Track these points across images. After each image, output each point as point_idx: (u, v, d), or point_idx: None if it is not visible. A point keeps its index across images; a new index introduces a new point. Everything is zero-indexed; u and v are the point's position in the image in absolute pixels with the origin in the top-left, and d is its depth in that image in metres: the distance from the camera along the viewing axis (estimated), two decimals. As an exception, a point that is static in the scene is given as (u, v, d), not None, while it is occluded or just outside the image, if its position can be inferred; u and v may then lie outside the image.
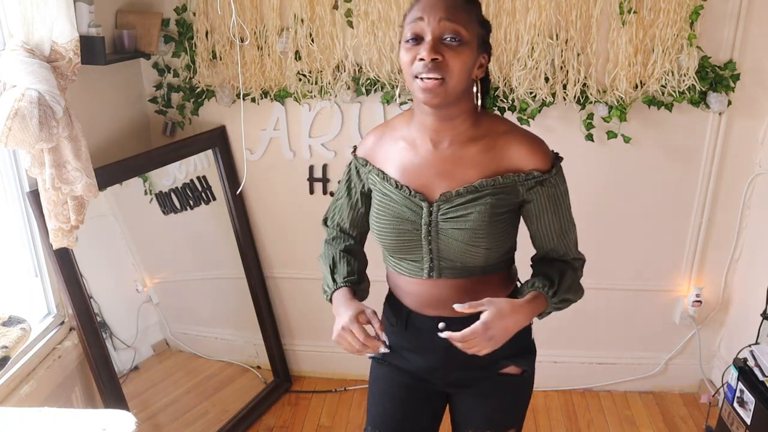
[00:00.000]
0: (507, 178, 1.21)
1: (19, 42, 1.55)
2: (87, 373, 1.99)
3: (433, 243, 1.24)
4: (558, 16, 2.14)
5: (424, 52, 1.12)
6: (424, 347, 1.36)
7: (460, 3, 1.15)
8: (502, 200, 1.22)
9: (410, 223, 1.24)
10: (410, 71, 1.14)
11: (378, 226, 1.29)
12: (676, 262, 2.51)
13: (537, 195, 1.23)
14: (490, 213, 1.20)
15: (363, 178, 1.35)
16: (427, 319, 1.33)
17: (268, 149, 2.46)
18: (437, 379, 1.39)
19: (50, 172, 1.63)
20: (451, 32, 1.12)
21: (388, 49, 2.21)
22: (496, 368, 1.37)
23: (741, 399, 2.10)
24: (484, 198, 1.20)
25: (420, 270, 1.29)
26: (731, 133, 2.30)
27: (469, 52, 1.14)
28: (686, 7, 2.09)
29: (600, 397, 2.65)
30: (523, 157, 1.22)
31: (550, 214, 1.25)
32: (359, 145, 1.38)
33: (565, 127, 2.32)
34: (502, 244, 1.26)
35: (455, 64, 1.12)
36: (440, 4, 1.13)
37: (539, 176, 1.21)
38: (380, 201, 1.29)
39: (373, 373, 1.48)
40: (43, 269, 1.90)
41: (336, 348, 3.05)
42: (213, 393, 2.41)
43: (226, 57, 2.31)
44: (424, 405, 1.44)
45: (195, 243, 2.46)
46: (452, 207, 1.21)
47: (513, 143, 1.22)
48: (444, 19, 1.11)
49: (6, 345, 1.47)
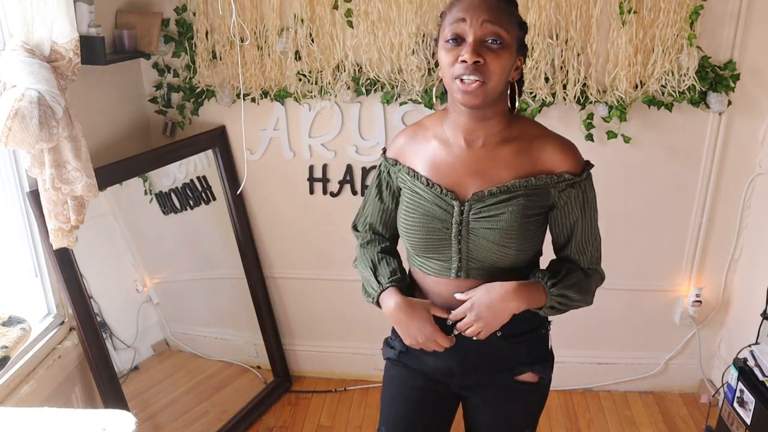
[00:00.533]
0: (540, 180, 1.21)
1: (19, 42, 1.55)
2: (87, 373, 1.99)
3: (463, 242, 1.24)
4: (558, 16, 2.14)
5: (467, 54, 1.11)
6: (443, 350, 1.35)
7: (503, 4, 1.15)
8: (534, 201, 1.22)
9: (440, 221, 1.24)
10: (450, 72, 1.15)
11: (407, 225, 1.28)
12: (676, 262, 2.51)
13: (567, 197, 1.23)
14: (522, 214, 1.20)
15: (393, 178, 1.35)
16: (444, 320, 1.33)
17: (268, 149, 2.46)
18: (453, 382, 1.38)
19: (50, 172, 1.63)
20: (493, 35, 1.12)
21: (388, 49, 2.21)
22: (512, 374, 1.36)
23: (741, 399, 2.10)
24: (516, 198, 1.20)
25: (448, 270, 1.28)
26: (731, 133, 2.30)
27: (509, 55, 1.15)
28: (686, 7, 2.09)
29: (600, 397, 2.65)
30: (557, 159, 1.22)
31: (578, 219, 1.26)
32: (389, 146, 1.37)
33: (565, 127, 2.32)
34: (531, 246, 1.26)
35: (496, 67, 1.13)
36: (483, 6, 1.12)
37: (571, 179, 1.22)
38: (410, 199, 1.28)
39: (387, 374, 1.48)
40: (43, 269, 1.90)
41: (336, 348, 3.06)
42: (213, 393, 2.41)
43: (226, 57, 2.31)
44: (437, 407, 1.44)
45: (195, 243, 2.46)
46: (485, 206, 1.21)
47: (547, 146, 1.23)
48: (487, 21, 1.11)
49: (6, 345, 1.47)
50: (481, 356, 1.33)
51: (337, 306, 2.65)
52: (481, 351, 1.33)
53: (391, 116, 2.37)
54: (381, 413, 1.50)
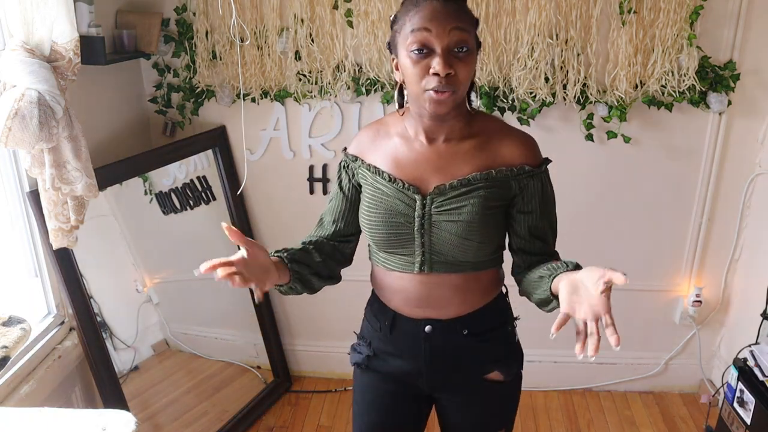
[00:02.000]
0: (500, 172, 1.22)
1: (19, 42, 1.55)
2: (87, 373, 1.99)
3: (425, 236, 1.24)
4: (558, 16, 2.14)
5: (439, 67, 1.10)
6: (409, 351, 1.35)
7: (462, 6, 1.14)
8: (495, 194, 1.22)
9: (403, 216, 1.24)
10: (420, 85, 1.13)
11: (369, 220, 1.28)
12: (676, 262, 2.51)
13: (527, 189, 1.24)
14: (483, 206, 1.21)
15: (351, 174, 1.34)
16: (412, 321, 1.33)
17: (268, 149, 2.46)
18: (422, 383, 1.38)
19: (50, 172, 1.63)
20: (460, 42, 1.11)
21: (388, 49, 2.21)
22: (480, 372, 1.36)
23: (741, 399, 2.10)
24: (477, 191, 1.21)
25: (411, 264, 1.28)
26: (731, 133, 2.30)
27: (474, 59, 1.15)
28: (686, 7, 2.09)
29: (600, 397, 2.65)
30: (516, 152, 1.24)
31: (538, 210, 1.26)
32: (351, 142, 1.37)
33: (565, 127, 2.32)
34: (494, 239, 1.27)
35: (465, 75, 1.13)
36: (447, 12, 1.11)
37: (530, 170, 1.23)
38: (372, 195, 1.28)
39: (356, 381, 1.47)
40: (43, 269, 1.90)
41: (336, 348, 3.06)
42: (213, 393, 2.40)
43: (226, 57, 2.31)
44: (409, 410, 1.44)
45: (195, 243, 2.46)
46: (446, 200, 1.22)
47: (506, 140, 1.24)
48: (453, 29, 1.10)
49: (6, 345, 1.47)
50: (448, 355, 1.34)
51: (337, 306, 2.65)
52: (447, 350, 1.33)
53: (391, 116, 2.37)
54: (354, 421, 1.48)
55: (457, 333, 1.31)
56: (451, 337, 1.32)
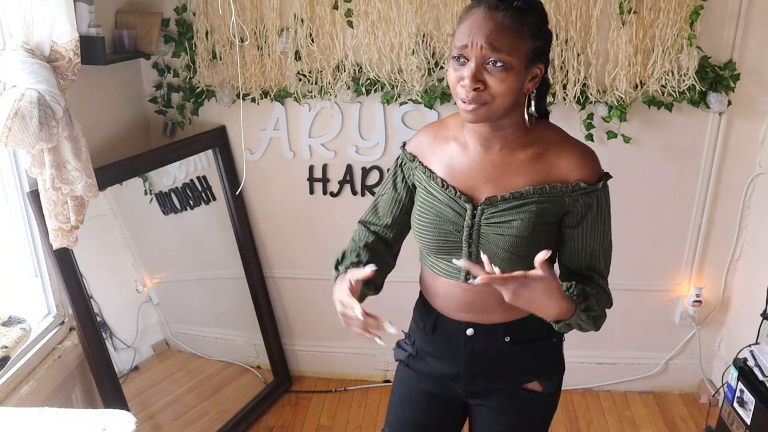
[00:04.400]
0: (554, 188, 1.19)
1: (19, 42, 1.55)
2: (87, 373, 1.99)
3: (473, 246, 1.23)
4: (558, 16, 2.14)
5: (467, 80, 1.09)
6: (449, 353, 1.35)
7: (508, 22, 1.08)
8: (547, 210, 1.19)
9: (452, 224, 1.23)
10: (455, 91, 1.13)
11: (419, 224, 1.28)
12: (676, 262, 2.51)
13: (579, 206, 1.20)
14: (533, 221, 1.18)
15: (407, 173, 1.34)
16: (455, 323, 1.32)
17: (268, 149, 2.46)
18: (459, 387, 1.38)
19: (50, 172, 1.63)
20: (494, 58, 1.08)
21: (388, 49, 2.21)
22: (519, 382, 1.35)
23: (741, 399, 2.10)
24: (528, 206, 1.18)
25: (457, 272, 1.28)
26: (731, 133, 2.30)
27: (515, 76, 1.10)
28: (686, 7, 2.09)
29: (600, 397, 2.65)
30: (572, 167, 1.19)
31: (588, 228, 1.21)
32: (410, 140, 1.36)
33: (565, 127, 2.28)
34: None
35: (498, 89, 1.09)
36: (484, 28, 1.07)
37: (585, 188, 1.19)
38: (424, 199, 1.28)
39: (397, 375, 1.49)
40: (43, 269, 1.90)
41: (336, 348, 3.06)
42: (213, 393, 2.40)
43: (226, 57, 2.31)
44: (442, 413, 1.43)
45: (195, 243, 2.46)
46: (497, 212, 1.20)
47: (563, 153, 1.20)
48: (486, 48, 1.07)
49: (6, 345, 1.47)
50: (487, 361, 1.33)
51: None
52: (488, 356, 1.32)
53: (391, 116, 2.37)
54: (387, 414, 1.50)
55: (498, 339, 1.30)
56: (492, 342, 1.31)
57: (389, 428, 1.48)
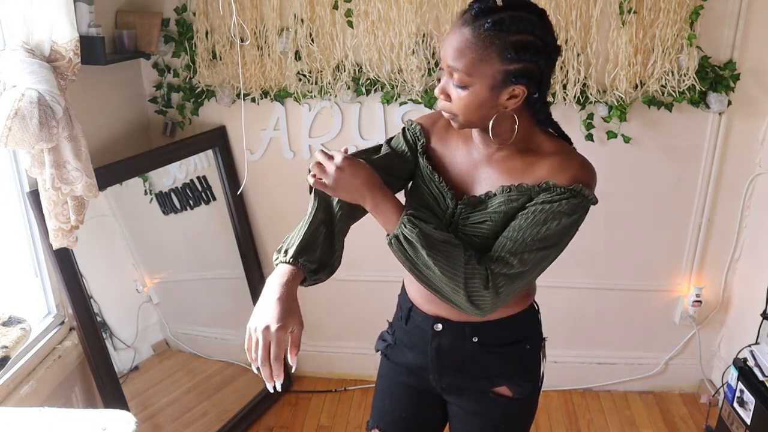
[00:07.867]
0: (521, 188, 1.16)
1: (19, 42, 1.55)
2: (87, 373, 1.99)
3: None
4: (558, 16, 2.14)
5: (436, 90, 1.16)
6: (419, 345, 1.36)
7: (471, 43, 1.07)
8: (515, 210, 1.16)
9: (434, 217, 1.23)
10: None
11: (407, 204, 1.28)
12: (676, 262, 2.51)
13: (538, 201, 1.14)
14: (502, 224, 1.17)
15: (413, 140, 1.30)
16: (424, 316, 1.33)
17: (268, 149, 2.46)
18: (432, 380, 1.38)
19: (50, 172, 1.63)
20: (454, 75, 1.11)
21: (388, 49, 2.21)
22: (488, 385, 1.34)
23: (741, 399, 2.10)
24: (499, 207, 1.17)
25: None
26: (731, 133, 2.30)
27: (473, 96, 1.10)
28: (686, 7, 2.09)
29: (600, 397, 2.65)
30: (546, 169, 1.16)
31: (526, 217, 1.13)
32: (429, 115, 1.35)
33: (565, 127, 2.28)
34: None
35: (459, 106, 1.13)
36: (448, 44, 1.10)
37: (547, 186, 1.14)
38: (417, 183, 1.29)
39: (379, 367, 1.50)
40: (43, 269, 1.90)
41: (336, 348, 3.04)
42: (213, 393, 2.40)
43: (226, 57, 2.31)
44: (421, 407, 1.44)
45: (195, 243, 2.46)
46: (472, 213, 1.20)
47: (549, 159, 1.17)
48: (450, 64, 1.11)
49: (6, 345, 1.47)
50: (454, 357, 1.33)
51: (337, 306, 2.65)
52: (455, 354, 1.32)
53: (391, 116, 2.37)
54: (371, 407, 1.51)
55: (465, 338, 1.30)
56: (459, 340, 1.31)
57: (372, 420, 1.49)
